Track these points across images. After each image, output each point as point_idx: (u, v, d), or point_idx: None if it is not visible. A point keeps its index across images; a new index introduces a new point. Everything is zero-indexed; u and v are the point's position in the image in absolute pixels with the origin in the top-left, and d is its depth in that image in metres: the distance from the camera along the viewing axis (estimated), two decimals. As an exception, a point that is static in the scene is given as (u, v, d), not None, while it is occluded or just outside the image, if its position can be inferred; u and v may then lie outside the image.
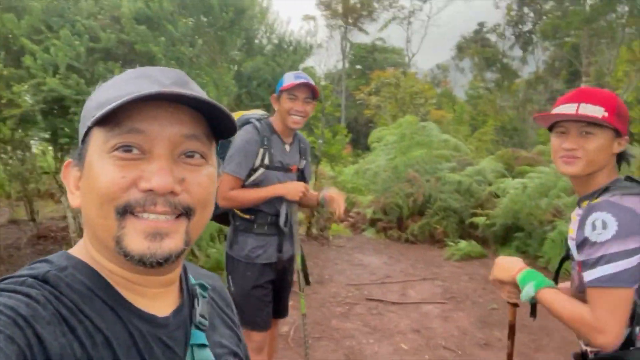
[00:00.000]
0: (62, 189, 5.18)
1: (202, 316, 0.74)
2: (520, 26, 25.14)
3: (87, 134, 0.64)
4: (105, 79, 0.70)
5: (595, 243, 1.27)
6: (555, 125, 1.44)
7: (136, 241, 0.60)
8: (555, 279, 1.61)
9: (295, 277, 2.78)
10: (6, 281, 0.58)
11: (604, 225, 1.27)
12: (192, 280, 0.79)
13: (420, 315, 4.52)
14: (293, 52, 6.06)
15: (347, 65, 28.91)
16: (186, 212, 0.63)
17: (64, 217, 7.31)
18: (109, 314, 0.61)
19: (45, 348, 0.52)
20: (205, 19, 4.41)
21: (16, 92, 3.25)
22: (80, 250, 0.68)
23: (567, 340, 3.81)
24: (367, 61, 28.05)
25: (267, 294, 2.54)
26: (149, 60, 3.82)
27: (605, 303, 1.26)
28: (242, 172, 2.37)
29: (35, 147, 5.97)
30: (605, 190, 1.38)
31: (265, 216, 2.47)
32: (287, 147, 2.53)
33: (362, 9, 27.03)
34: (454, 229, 7.26)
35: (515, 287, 1.51)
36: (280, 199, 2.47)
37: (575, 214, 1.48)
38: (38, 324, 0.52)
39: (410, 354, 3.76)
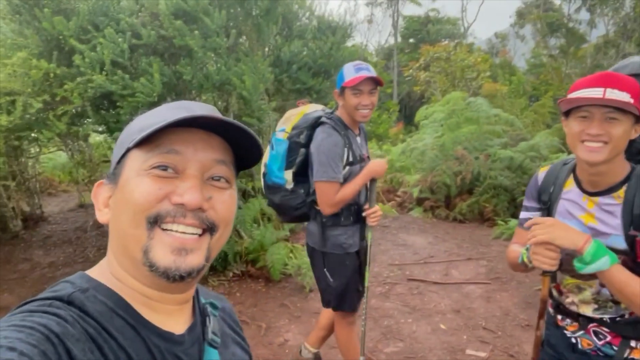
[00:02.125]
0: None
1: (214, 333, 0.79)
2: (587, -14, 23.23)
3: (123, 156, 0.70)
4: (147, 72, 0.77)
5: None
6: (576, 109, 1.40)
7: (162, 254, 0.65)
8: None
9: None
10: (33, 303, 0.61)
11: None
12: (203, 300, 0.84)
13: (462, 295, 4.50)
14: (332, 34, 6.04)
15: (399, 39, 28.18)
16: (210, 228, 0.69)
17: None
18: (130, 333, 0.65)
19: None
20: (241, 9, 4.50)
21: (68, 89, 3.53)
22: (100, 271, 0.72)
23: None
24: (420, 34, 27.17)
25: (359, 278, 2.67)
26: (188, 53, 4.00)
27: None
28: (339, 176, 2.42)
29: (96, 137, 6.44)
30: (627, 179, 1.42)
31: (350, 208, 2.55)
32: (359, 139, 2.58)
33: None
34: (505, 208, 7.04)
35: (558, 253, 1.42)
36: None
37: (599, 204, 1.46)
38: (68, 341, 0.56)
39: (448, 334, 3.78)
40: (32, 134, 4.01)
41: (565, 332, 1.64)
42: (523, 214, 1.73)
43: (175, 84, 4.11)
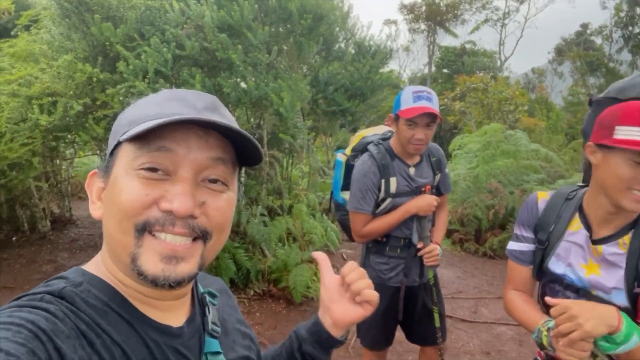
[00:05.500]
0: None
1: (214, 323, 0.76)
2: (630, 28, 22.88)
3: (116, 147, 0.66)
4: (187, 83, 0.72)
5: None
6: (625, 151, 1.19)
7: (151, 262, 0.62)
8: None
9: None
10: (24, 298, 0.60)
11: None
12: (201, 289, 0.82)
13: (492, 336, 4.25)
14: (372, 57, 6.01)
15: (433, 69, 28.16)
16: (203, 236, 0.65)
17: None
18: (124, 327, 0.63)
19: None
20: (284, 26, 4.51)
21: (109, 94, 3.56)
22: (96, 265, 0.70)
23: None
24: (455, 65, 27.10)
25: (395, 317, 2.48)
26: (229, 66, 4.00)
27: None
28: (367, 208, 2.31)
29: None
30: (635, 224, 1.29)
31: (397, 240, 2.40)
32: (412, 170, 2.37)
33: (448, 12, 26.11)
34: (539, 246, 6.75)
35: (591, 344, 1.18)
36: (411, 220, 2.36)
37: (603, 253, 1.30)
38: (58, 338, 0.54)
39: (477, 377, 3.56)
40: (69, 136, 4.06)
41: None
42: (515, 245, 1.52)
43: (214, 97, 4.11)
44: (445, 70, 27.30)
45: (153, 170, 0.62)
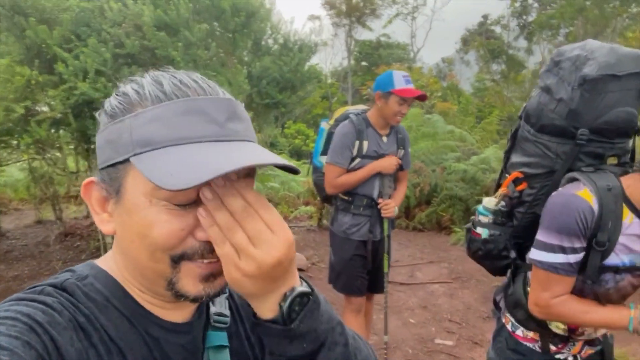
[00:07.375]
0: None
1: (220, 314, 0.74)
2: (524, 17, 25.20)
3: (123, 161, 0.58)
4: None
5: None
6: None
7: (191, 284, 0.60)
8: None
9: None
10: (27, 290, 0.59)
11: None
12: None
13: (427, 293, 4.81)
14: (298, 51, 6.36)
15: (352, 62, 29.14)
16: None
17: (87, 217, 7.70)
18: (124, 324, 0.62)
19: (61, 353, 0.52)
20: (217, 24, 4.72)
21: (51, 96, 3.60)
22: (106, 260, 0.68)
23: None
24: (372, 58, 28.26)
25: (362, 265, 2.92)
26: (169, 63, 4.15)
27: None
28: (343, 162, 2.76)
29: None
30: None
31: (361, 199, 2.84)
32: (384, 139, 2.82)
33: (365, 7, 27.18)
34: (460, 216, 7.51)
35: None
36: (374, 180, 2.82)
37: None
38: (54, 330, 0.53)
39: (417, 327, 4.06)
40: (12, 141, 3.99)
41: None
42: (561, 258, 1.34)
43: (155, 94, 4.23)
44: (363, 63, 28.37)
45: (183, 205, 0.57)
